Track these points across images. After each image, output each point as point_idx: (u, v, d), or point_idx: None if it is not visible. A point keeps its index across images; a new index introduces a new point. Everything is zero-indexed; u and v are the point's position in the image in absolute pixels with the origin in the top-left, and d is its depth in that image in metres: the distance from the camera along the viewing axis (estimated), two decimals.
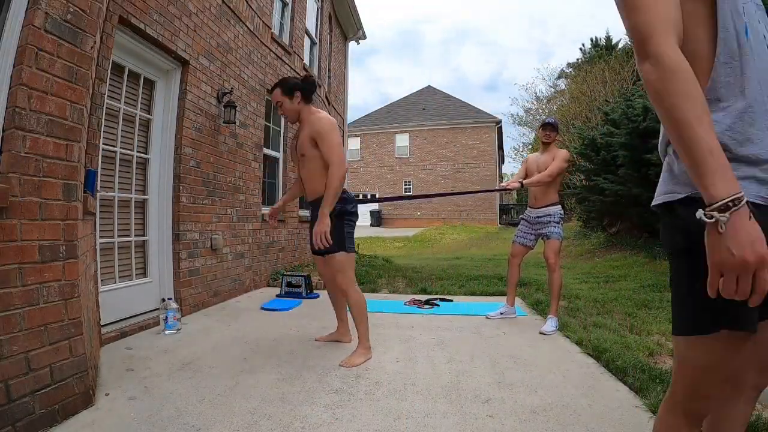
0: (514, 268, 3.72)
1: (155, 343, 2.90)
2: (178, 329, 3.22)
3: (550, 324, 3.39)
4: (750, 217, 0.71)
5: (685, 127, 0.73)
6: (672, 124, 0.76)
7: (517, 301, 4.68)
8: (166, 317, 3.17)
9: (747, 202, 0.71)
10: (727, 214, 0.70)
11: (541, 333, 3.32)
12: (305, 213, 7.07)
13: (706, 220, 0.72)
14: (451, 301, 4.62)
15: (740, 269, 0.70)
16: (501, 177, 27.82)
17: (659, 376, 2.29)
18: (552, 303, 3.50)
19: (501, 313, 3.81)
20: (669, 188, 0.89)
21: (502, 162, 31.34)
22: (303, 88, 2.74)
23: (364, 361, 2.62)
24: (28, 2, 1.69)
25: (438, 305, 4.36)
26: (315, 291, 4.93)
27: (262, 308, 4.12)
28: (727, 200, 0.70)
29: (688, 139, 0.73)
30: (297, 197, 3.46)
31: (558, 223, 3.56)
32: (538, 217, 3.62)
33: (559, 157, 3.58)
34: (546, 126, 3.69)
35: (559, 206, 3.63)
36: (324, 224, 2.51)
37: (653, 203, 0.94)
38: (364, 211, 25.15)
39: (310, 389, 2.22)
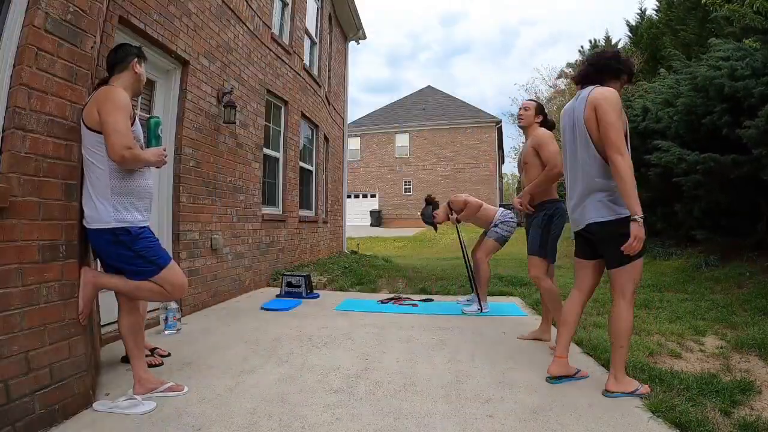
0: None
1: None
2: (178, 329, 3.22)
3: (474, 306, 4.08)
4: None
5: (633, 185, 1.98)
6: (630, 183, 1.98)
7: (517, 301, 4.69)
8: (166, 317, 3.17)
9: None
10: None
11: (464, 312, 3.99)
12: (304, 213, 7.07)
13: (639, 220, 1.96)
14: (432, 300, 4.66)
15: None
16: (501, 177, 27.76)
17: (659, 376, 2.29)
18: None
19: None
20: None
21: (502, 162, 31.33)
22: (545, 114, 3.18)
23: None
24: (28, 2, 1.68)
25: (416, 305, 4.39)
26: (315, 291, 4.93)
27: (262, 308, 4.12)
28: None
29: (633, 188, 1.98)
30: None
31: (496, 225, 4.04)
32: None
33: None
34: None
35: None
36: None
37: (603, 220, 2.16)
38: (364, 210, 25.15)
39: (310, 389, 2.22)
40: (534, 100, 3.36)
